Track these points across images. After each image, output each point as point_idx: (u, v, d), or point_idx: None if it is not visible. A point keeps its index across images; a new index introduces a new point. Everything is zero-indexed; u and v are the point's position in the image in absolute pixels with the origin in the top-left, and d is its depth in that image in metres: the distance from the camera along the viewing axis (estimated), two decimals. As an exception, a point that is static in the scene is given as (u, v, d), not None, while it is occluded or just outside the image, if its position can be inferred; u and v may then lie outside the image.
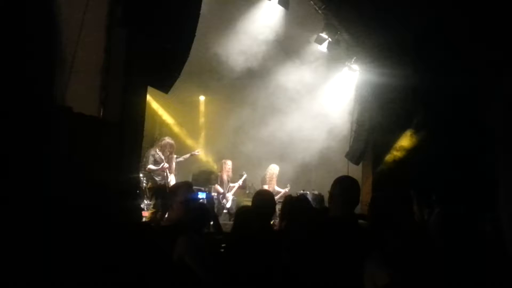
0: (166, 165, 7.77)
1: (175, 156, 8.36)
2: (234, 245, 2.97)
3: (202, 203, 4.38)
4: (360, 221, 3.09)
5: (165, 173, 7.77)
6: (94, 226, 3.45)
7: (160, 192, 7.54)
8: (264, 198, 3.23)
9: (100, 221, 3.58)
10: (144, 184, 9.08)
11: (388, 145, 8.55)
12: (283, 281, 2.44)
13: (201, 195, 7.54)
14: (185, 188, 3.59)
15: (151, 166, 7.81)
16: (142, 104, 5.14)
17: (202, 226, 3.20)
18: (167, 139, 8.18)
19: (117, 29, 4.81)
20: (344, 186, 2.63)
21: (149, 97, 8.25)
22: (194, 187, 5.45)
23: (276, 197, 8.78)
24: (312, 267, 2.13)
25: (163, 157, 7.78)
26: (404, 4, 7.06)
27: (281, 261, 2.56)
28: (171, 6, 5.24)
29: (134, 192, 4.98)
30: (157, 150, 7.96)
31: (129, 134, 4.79)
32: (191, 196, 3.30)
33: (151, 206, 7.92)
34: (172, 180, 7.93)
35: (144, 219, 7.53)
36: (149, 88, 5.69)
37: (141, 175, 8.42)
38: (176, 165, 8.36)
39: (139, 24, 4.83)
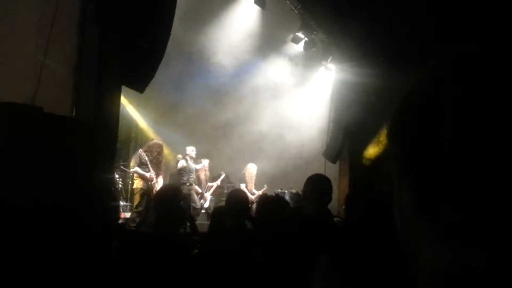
0: (153, 174, 7.64)
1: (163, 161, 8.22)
2: (209, 245, 2.95)
3: (180, 205, 4.33)
4: (336, 218, 3.12)
5: (151, 181, 7.65)
6: (68, 226, 3.40)
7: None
8: (237, 197, 3.23)
9: (74, 221, 3.53)
10: (121, 185, 8.99)
11: (364, 144, 8.64)
12: (256, 280, 2.44)
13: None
14: (173, 193, 3.50)
15: (137, 169, 7.69)
16: (116, 103, 5.06)
17: (178, 228, 3.17)
18: (155, 140, 8.09)
19: (90, 26, 4.72)
20: (315, 184, 2.65)
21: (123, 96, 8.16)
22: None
23: (254, 197, 8.81)
24: (285, 265, 2.14)
25: (147, 159, 7.67)
26: (379, 4, 7.15)
27: (255, 259, 2.55)
28: (145, 3, 5.18)
29: (108, 193, 4.91)
30: (144, 151, 7.85)
31: (103, 134, 4.70)
32: (176, 201, 3.25)
33: (134, 208, 7.87)
34: (160, 183, 7.82)
35: (120, 221, 7.46)
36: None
37: (116, 175, 8.32)
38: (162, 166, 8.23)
39: (112, 22, 4.75)
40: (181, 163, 8.84)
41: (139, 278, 2.52)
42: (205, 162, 9.42)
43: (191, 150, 9.07)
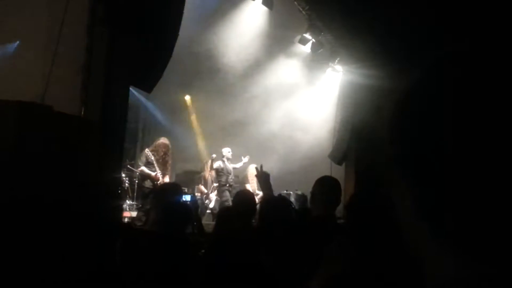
0: (159, 174, 7.67)
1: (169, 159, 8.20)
2: (215, 245, 2.97)
3: (185, 204, 4.36)
4: (340, 220, 3.12)
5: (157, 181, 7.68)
6: (74, 224, 3.43)
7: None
8: (244, 198, 3.24)
9: (80, 219, 3.56)
10: (127, 184, 9.04)
11: (371, 146, 8.62)
12: (262, 280, 2.45)
13: (186, 198, 7.43)
14: (171, 189, 3.54)
15: (143, 168, 7.71)
16: (124, 103, 5.09)
17: (184, 227, 3.18)
18: (162, 139, 8.06)
19: (99, 27, 4.76)
20: (325, 186, 2.66)
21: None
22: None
23: (257, 198, 8.80)
24: (291, 267, 2.14)
25: (153, 159, 7.69)
26: (387, 6, 7.13)
27: (261, 260, 2.56)
28: (153, 5, 5.21)
29: (114, 192, 4.94)
30: (151, 150, 7.87)
31: (111, 134, 4.74)
32: (174, 198, 3.27)
33: (140, 207, 7.90)
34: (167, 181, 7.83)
35: (126, 220, 7.49)
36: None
37: (123, 175, 8.36)
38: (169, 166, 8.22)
39: (121, 23, 4.79)
40: (218, 164, 8.84)
41: (142, 276, 2.54)
42: (245, 159, 9.44)
43: (227, 151, 9.08)
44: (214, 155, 9.01)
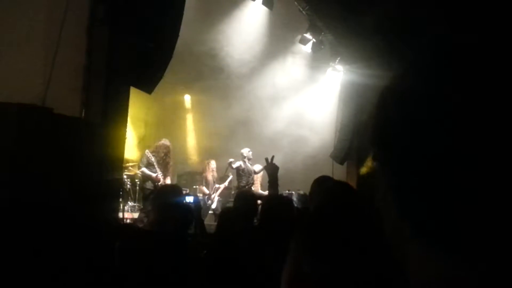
0: (160, 175, 7.68)
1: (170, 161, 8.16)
2: (216, 246, 2.96)
3: (185, 205, 4.35)
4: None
5: (158, 182, 7.69)
6: (75, 226, 3.42)
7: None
8: (246, 198, 3.24)
9: (81, 221, 3.55)
10: (129, 185, 9.04)
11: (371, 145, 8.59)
12: (265, 281, 2.44)
13: (189, 199, 7.36)
14: (170, 191, 3.53)
15: (144, 169, 7.73)
16: (125, 104, 5.09)
17: (185, 228, 3.18)
18: (163, 141, 8.07)
19: (99, 28, 4.76)
20: (323, 186, 2.65)
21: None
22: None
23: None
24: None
25: (154, 160, 7.70)
26: (388, 6, 7.12)
27: (263, 260, 2.55)
28: (154, 5, 5.21)
29: (116, 194, 4.94)
30: (151, 152, 7.88)
31: (112, 135, 4.74)
32: (173, 199, 3.27)
33: (141, 208, 7.89)
34: (167, 183, 7.85)
35: (128, 221, 7.49)
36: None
37: (125, 176, 8.37)
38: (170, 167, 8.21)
39: (121, 24, 4.79)
40: (239, 164, 8.75)
41: (141, 276, 2.53)
42: (259, 167, 9.40)
43: (247, 151, 9.00)
44: (231, 159, 8.91)
